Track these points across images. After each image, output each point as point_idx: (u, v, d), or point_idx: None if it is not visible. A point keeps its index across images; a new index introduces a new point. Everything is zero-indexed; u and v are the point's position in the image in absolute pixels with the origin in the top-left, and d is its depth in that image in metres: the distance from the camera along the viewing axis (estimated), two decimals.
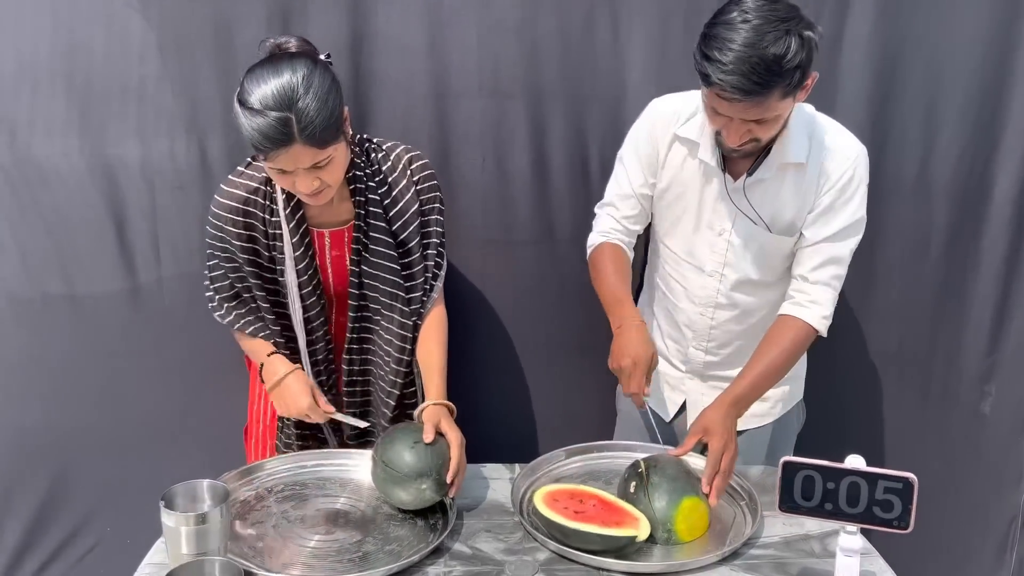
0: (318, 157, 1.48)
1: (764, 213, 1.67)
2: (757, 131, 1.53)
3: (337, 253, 1.71)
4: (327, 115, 1.46)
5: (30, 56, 1.91)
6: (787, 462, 1.27)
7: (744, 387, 1.62)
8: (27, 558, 2.22)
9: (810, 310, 1.65)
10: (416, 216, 1.69)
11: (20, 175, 1.97)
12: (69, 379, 2.10)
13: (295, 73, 1.45)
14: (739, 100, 1.45)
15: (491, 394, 2.16)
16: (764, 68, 1.41)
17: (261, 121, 1.43)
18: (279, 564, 1.40)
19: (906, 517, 1.22)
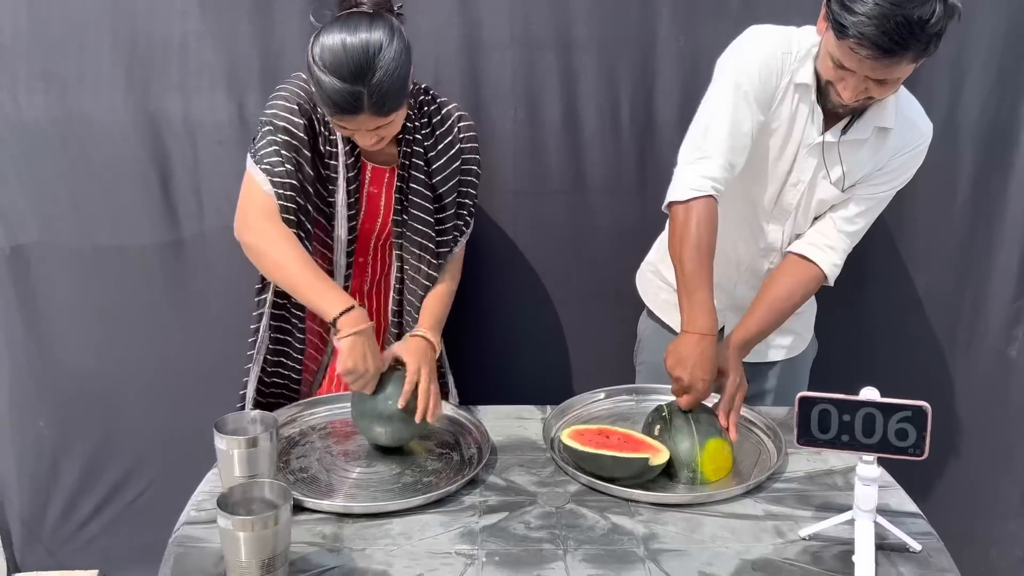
0: (382, 122, 1.52)
1: (849, 171, 1.66)
2: (875, 90, 1.49)
3: (375, 190, 1.73)
4: (398, 87, 1.48)
5: (78, 14, 1.97)
6: (803, 397, 1.30)
7: (752, 331, 1.66)
8: (83, 500, 2.34)
9: (825, 254, 1.67)
10: (456, 173, 1.72)
11: (71, 129, 2.04)
12: (119, 327, 2.18)
13: (371, 42, 1.45)
14: (873, 57, 1.41)
15: (523, 341, 2.22)
16: (907, 29, 1.37)
17: (332, 89, 1.45)
18: (323, 493, 1.47)
19: (921, 444, 1.25)
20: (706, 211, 1.58)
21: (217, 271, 2.15)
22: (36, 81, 2.01)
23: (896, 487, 1.51)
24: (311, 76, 1.49)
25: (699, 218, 1.58)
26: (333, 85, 1.45)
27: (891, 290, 2.18)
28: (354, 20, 1.48)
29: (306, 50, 1.49)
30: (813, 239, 1.68)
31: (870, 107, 1.60)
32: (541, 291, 2.19)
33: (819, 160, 1.66)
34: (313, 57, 1.47)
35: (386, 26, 1.48)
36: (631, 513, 1.43)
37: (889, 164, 1.66)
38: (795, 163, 1.69)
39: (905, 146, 1.65)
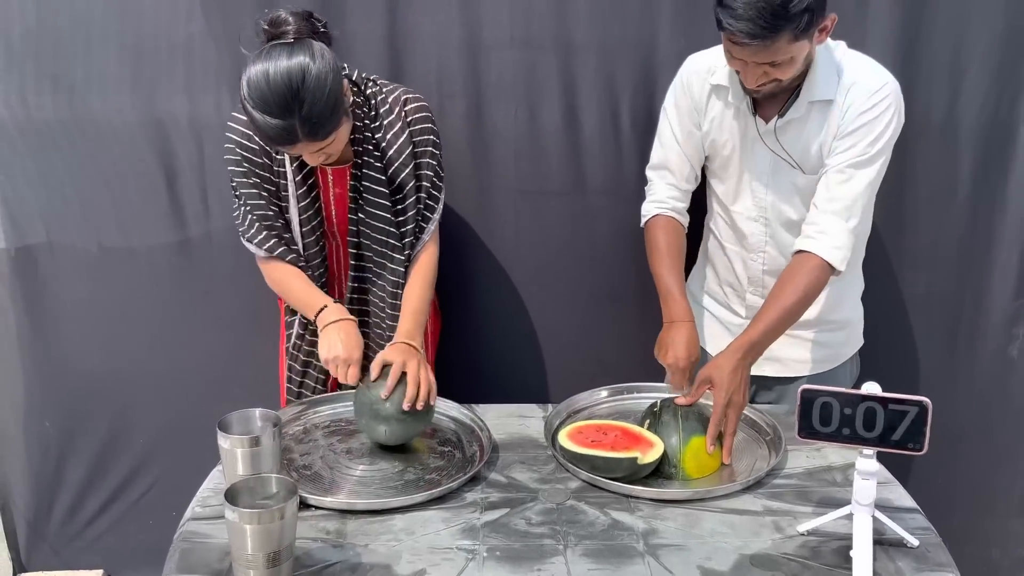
0: (322, 144, 1.54)
1: (795, 153, 1.70)
2: (774, 73, 1.56)
3: (340, 191, 1.74)
4: (328, 111, 1.49)
5: (85, 16, 1.99)
6: (805, 390, 1.31)
7: (758, 333, 1.62)
8: (88, 499, 2.36)
9: (818, 241, 1.64)
10: (411, 158, 1.71)
11: (79, 130, 2.06)
12: (126, 326, 2.20)
13: (291, 72, 1.45)
14: (748, 44, 1.49)
15: (525, 340, 2.23)
16: (771, 12, 1.45)
17: (265, 124, 1.47)
18: (327, 490, 1.49)
19: (920, 439, 1.26)
20: (658, 225, 1.84)
21: (223, 271, 2.17)
22: (44, 82, 2.03)
23: (895, 483, 1.52)
24: (245, 112, 1.51)
25: (652, 233, 1.84)
26: (265, 121, 1.47)
27: (891, 288, 2.18)
28: (275, 52, 1.48)
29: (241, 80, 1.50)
30: (805, 230, 1.67)
31: (803, 85, 1.64)
32: (542, 291, 2.20)
33: (769, 149, 1.71)
34: (243, 94, 1.49)
35: (307, 52, 1.48)
36: (631, 509, 1.45)
37: (846, 129, 1.64)
38: (749, 157, 1.75)
39: (853, 107, 1.63)
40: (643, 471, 1.50)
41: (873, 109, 1.63)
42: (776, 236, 1.79)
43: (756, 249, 1.82)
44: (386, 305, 1.78)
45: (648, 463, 1.50)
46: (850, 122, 1.64)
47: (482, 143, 2.08)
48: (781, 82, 1.59)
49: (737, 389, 1.58)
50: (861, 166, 1.64)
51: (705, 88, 1.75)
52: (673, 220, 1.84)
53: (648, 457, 1.50)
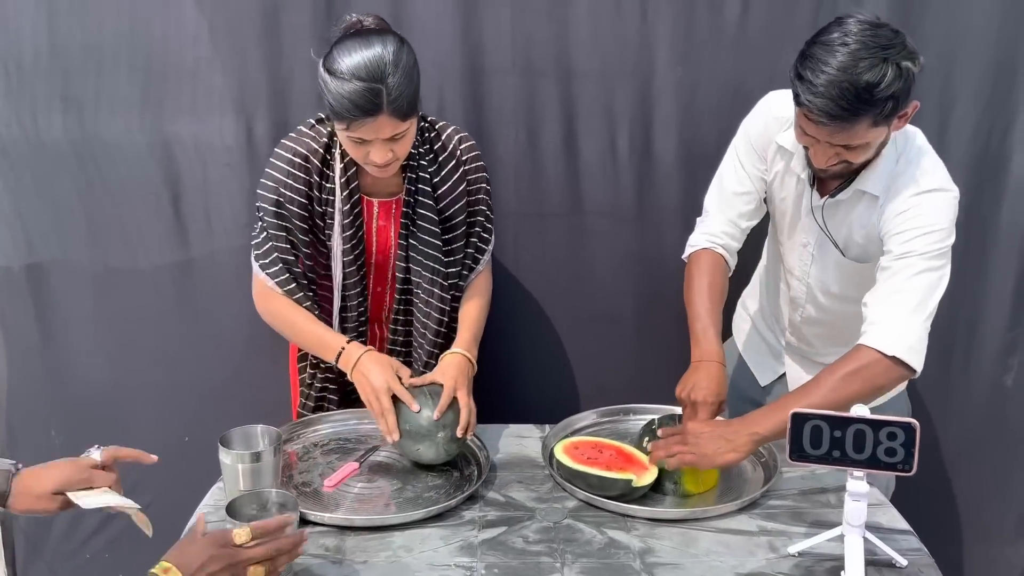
0: (398, 129, 1.55)
1: (838, 236, 1.66)
2: (846, 155, 1.49)
3: (383, 223, 1.77)
4: (412, 90, 1.55)
5: (95, 39, 2.02)
6: (796, 413, 1.32)
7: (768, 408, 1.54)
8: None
9: (868, 333, 1.51)
10: (463, 196, 1.75)
11: (88, 151, 2.09)
12: (131, 343, 2.22)
13: (386, 47, 1.52)
14: (825, 124, 1.43)
15: (523, 361, 2.24)
16: (854, 95, 1.39)
17: (351, 89, 1.50)
18: (326, 507, 1.50)
19: (910, 460, 1.28)
20: (703, 260, 1.74)
21: (225, 290, 2.18)
22: (55, 103, 2.06)
23: (887, 505, 1.54)
24: (327, 89, 1.53)
25: (696, 267, 1.73)
26: (353, 87, 1.49)
27: None
28: (364, 34, 1.55)
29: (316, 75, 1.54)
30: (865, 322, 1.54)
31: (862, 171, 1.58)
32: (540, 312, 2.22)
33: (814, 223, 1.67)
34: (328, 70, 1.53)
35: (396, 38, 1.56)
36: (627, 528, 1.46)
37: (895, 229, 1.55)
38: (799, 224, 1.71)
39: (908, 209, 1.54)
40: (636, 493, 1.52)
41: (910, 211, 1.53)
42: (816, 300, 1.76)
43: (797, 303, 1.80)
44: (429, 332, 1.79)
45: (641, 486, 1.52)
46: (891, 222, 1.55)
47: None
48: (851, 165, 1.53)
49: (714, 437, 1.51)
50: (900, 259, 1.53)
51: (774, 138, 1.69)
52: (719, 258, 1.74)
53: (642, 480, 1.52)
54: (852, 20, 1.44)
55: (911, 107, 1.49)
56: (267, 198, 1.69)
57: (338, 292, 1.77)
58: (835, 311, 1.74)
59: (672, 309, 2.00)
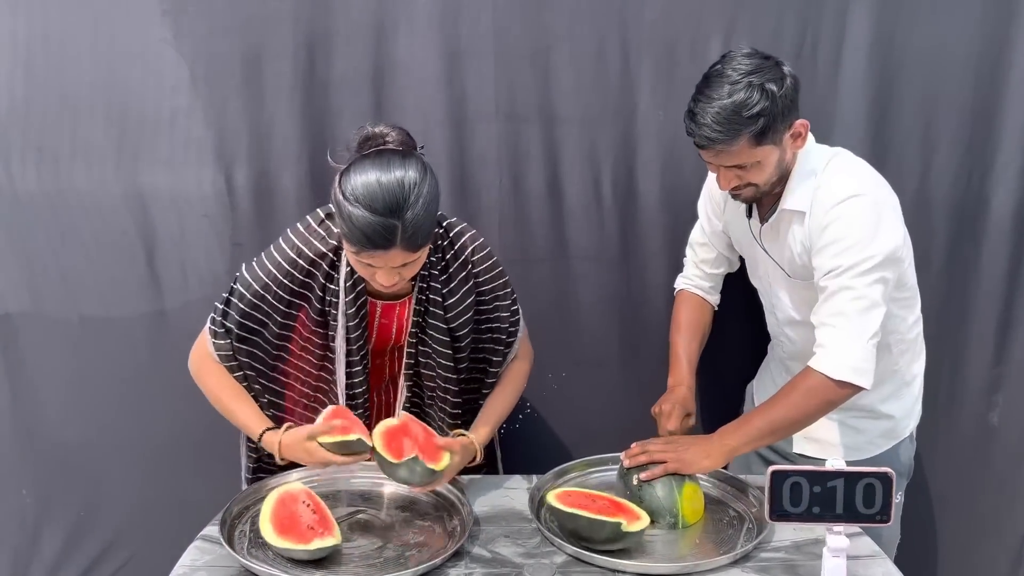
0: (409, 259, 1.50)
1: (781, 258, 1.76)
2: (746, 176, 1.64)
3: (385, 321, 1.73)
4: (429, 223, 1.49)
5: (72, 89, 2.01)
6: (775, 471, 1.32)
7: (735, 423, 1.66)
8: (63, 572, 2.29)
9: (817, 355, 1.62)
10: (471, 307, 1.71)
11: (62, 202, 2.07)
12: (105, 397, 2.18)
13: (407, 176, 1.45)
14: (705, 148, 1.59)
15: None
16: (724, 117, 1.55)
17: (365, 221, 1.43)
18: (303, 568, 1.45)
19: (887, 510, 1.30)
20: (682, 298, 1.97)
21: None
22: (30, 154, 2.04)
23: (883, 557, 1.51)
24: (340, 212, 1.47)
25: (678, 306, 1.97)
26: (366, 219, 1.44)
27: None
28: (386, 156, 1.48)
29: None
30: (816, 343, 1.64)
31: (784, 193, 1.69)
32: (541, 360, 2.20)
33: (761, 251, 1.80)
34: (343, 193, 1.46)
35: (418, 164, 1.49)
36: None
37: (815, 245, 1.65)
38: (757, 257, 1.83)
39: (820, 222, 1.63)
40: (625, 539, 1.49)
41: (833, 225, 1.61)
42: (785, 330, 1.86)
43: (776, 337, 1.93)
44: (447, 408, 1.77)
45: (632, 532, 1.49)
46: (816, 239, 1.64)
47: (467, 212, 2.09)
48: (758, 187, 1.66)
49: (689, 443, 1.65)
50: (838, 275, 1.60)
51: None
52: (697, 296, 1.95)
53: (633, 526, 1.49)
54: (731, 53, 1.61)
55: (799, 124, 1.63)
56: (247, 288, 1.65)
57: (342, 388, 1.72)
58: (804, 341, 1.76)
59: (658, 352, 2.01)
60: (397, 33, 2.02)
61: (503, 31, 2.02)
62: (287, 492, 1.55)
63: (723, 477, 1.75)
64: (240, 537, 1.54)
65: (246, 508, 1.63)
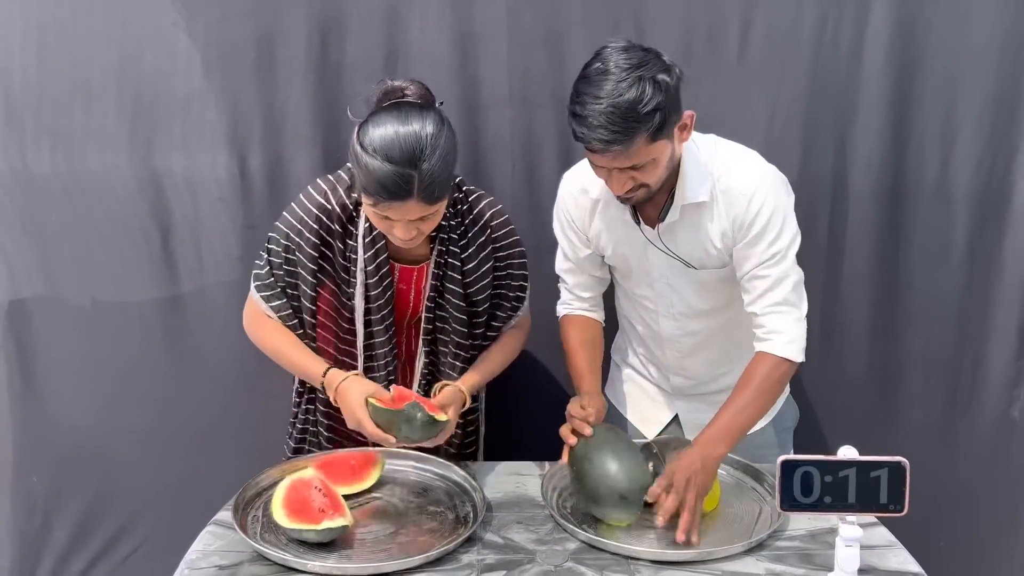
0: (426, 212, 1.50)
1: (685, 254, 1.69)
2: (640, 177, 1.54)
3: (403, 287, 1.73)
4: (446, 175, 1.49)
5: (84, 73, 2.01)
6: (785, 461, 1.29)
7: (714, 429, 1.58)
8: (74, 559, 2.29)
9: (772, 341, 1.63)
10: (489, 272, 1.72)
11: (76, 185, 2.06)
12: (118, 382, 2.18)
13: (424, 128, 1.46)
14: (602, 151, 1.48)
15: (522, 395, 2.19)
16: (620, 116, 1.44)
17: (382, 171, 1.44)
18: (315, 554, 1.44)
19: (901, 500, 1.27)
20: (570, 323, 1.84)
21: (215, 327, 2.15)
22: (44, 137, 2.04)
23: (899, 547, 1.49)
24: (357, 163, 1.48)
25: (566, 331, 1.83)
26: (384, 169, 1.44)
27: (888, 349, 2.17)
28: (404, 109, 1.49)
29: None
30: (757, 334, 1.65)
31: (676, 188, 1.63)
32: (539, 345, 2.18)
33: (658, 253, 1.70)
34: (361, 144, 1.47)
35: (437, 116, 1.50)
36: (631, 571, 1.41)
37: (741, 239, 1.63)
38: (645, 262, 1.74)
39: (740, 210, 1.61)
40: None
41: (759, 214, 1.61)
42: (687, 326, 1.78)
43: (671, 340, 1.82)
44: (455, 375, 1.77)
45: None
46: (743, 233, 1.62)
47: None
48: (650, 187, 1.57)
49: (695, 472, 1.51)
50: (778, 262, 1.62)
51: (585, 207, 1.73)
52: (582, 316, 1.84)
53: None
54: (608, 49, 1.50)
55: (686, 116, 1.54)
56: (278, 239, 1.68)
57: (361, 352, 1.73)
58: (710, 329, 1.77)
59: None
60: (410, 16, 2.01)
61: (517, 15, 2.00)
62: (299, 479, 1.54)
63: (738, 465, 1.73)
64: (253, 522, 1.53)
65: (258, 494, 1.62)
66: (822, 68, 2.01)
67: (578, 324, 1.83)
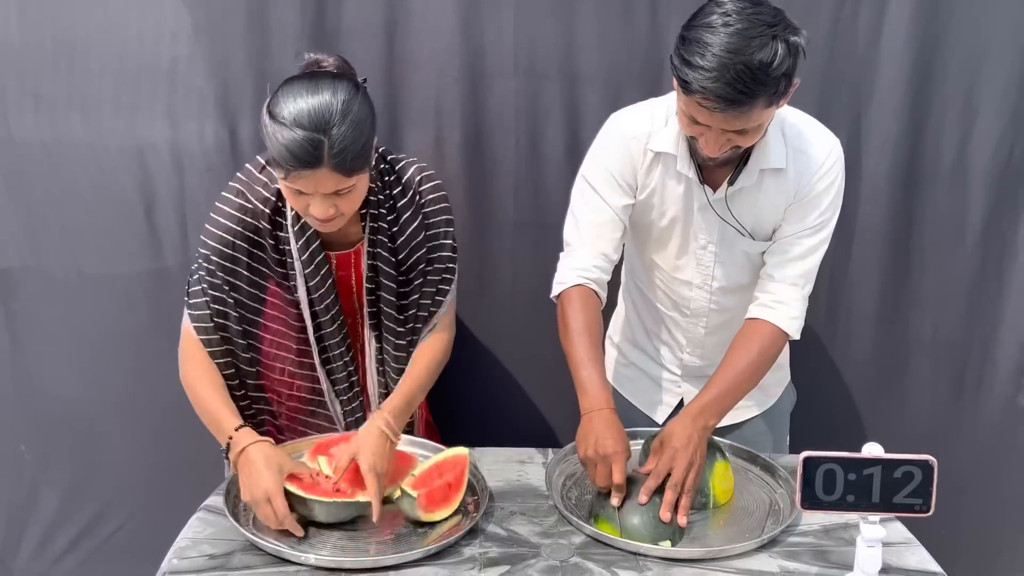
0: (342, 185, 1.42)
1: (747, 222, 1.62)
2: (737, 140, 1.45)
3: (343, 273, 1.65)
4: (360, 144, 1.41)
5: (68, 33, 1.92)
6: (808, 457, 1.24)
7: (709, 398, 1.53)
8: (59, 532, 2.26)
9: (776, 311, 1.58)
10: (424, 244, 1.63)
11: (60, 153, 1.99)
12: (103, 354, 2.12)
13: (335, 95, 1.39)
14: (721, 110, 1.37)
15: (522, 379, 2.16)
16: (750, 76, 1.33)
17: (291, 137, 1.37)
18: (311, 546, 1.39)
19: (927, 500, 1.22)
20: (577, 298, 1.61)
21: None
22: (27, 100, 1.96)
23: (916, 544, 1.45)
24: (266, 134, 1.40)
25: (571, 306, 1.60)
26: (291, 135, 1.37)
27: (898, 332, 2.13)
28: (316, 77, 1.42)
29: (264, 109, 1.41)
30: (761, 299, 1.61)
31: (753, 152, 1.55)
32: (540, 327, 2.11)
33: (718, 217, 1.62)
34: (271, 113, 1.40)
35: (351, 85, 1.42)
36: (640, 568, 1.36)
37: (799, 200, 1.58)
38: (694, 226, 1.64)
39: (808, 179, 1.57)
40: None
41: (824, 179, 1.57)
42: (721, 301, 1.71)
43: (699, 314, 1.74)
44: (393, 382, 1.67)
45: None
46: (802, 194, 1.57)
47: (481, 174, 2.02)
48: (739, 149, 1.49)
49: (689, 450, 1.47)
50: (814, 235, 1.59)
51: (646, 155, 1.61)
52: (592, 295, 1.63)
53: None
54: (728, 1, 1.38)
55: (794, 84, 1.44)
56: (207, 255, 1.57)
57: (315, 347, 1.65)
58: (742, 306, 1.67)
59: None
60: None
61: None
62: None
63: (747, 456, 1.68)
64: (246, 509, 1.48)
65: None
66: (840, 44, 1.94)
67: (587, 304, 1.61)
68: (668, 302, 1.77)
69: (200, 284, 1.59)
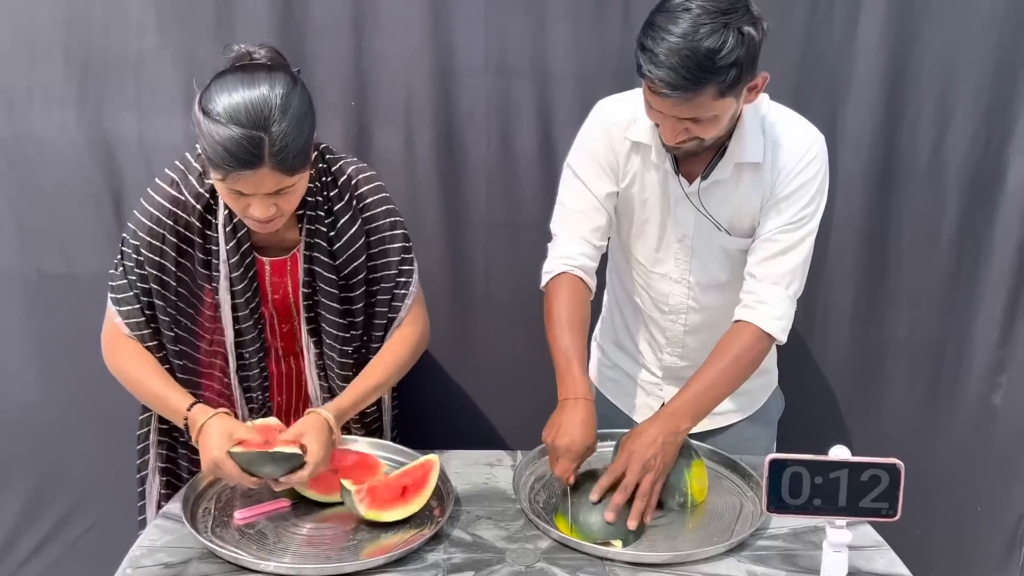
0: (283, 184, 1.36)
1: (722, 216, 1.59)
2: (696, 130, 1.42)
3: (278, 279, 1.60)
4: (302, 141, 1.35)
5: (28, 27, 1.88)
6: (774, 460, 1.23)
7: (684, 400, 1.51)
8: (23, 538, 2.22)
9: (757, 311, 1.55)
10: (363, 251, 1.57)
11: (19, 149, 1.95)
12: (66, 357, 2.08)
13: (273, 89, 1.33)
14: (668, 95, 1.35)
15: (495, 380, 2.13)
16: (695, 63, 1.31)
17: (228, 135, 1.30)
18: (271, 552, 1.36)
19: (894, 504, 1.21)
20: (562, 287, 1.60)
21: None
22: None
23: (886, 547, 1.43)
24: (201, 132, 1.33)
25: (556, 294, 1.60)
26: (230, 134, 1.30)
27: (873, 332, 2.13)
28: (251, 70, 1.36)
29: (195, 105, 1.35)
30: (744, 300, 1.57)
31: (730, 145, 1.53)
32: (512, 329, 2.11)
33: (695, 210, 1.59)
34: (204, 110, 1.33)
35: (288, 77, 1.37)
36: (605, 573, 1.34)
37: (777, 195, 1.55)
38: (671, 218, 1.62)
39: (783, 171, 1.53)
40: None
41: (803, 174, 1.53)
42: (700, 298, 1.68)
43: (677, 311, 1.71)
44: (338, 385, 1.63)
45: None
46: (781, 189, 1.54)
47: (452, 173, 2.00)
48: (703, 141, 1.46)
49: (649, 452, 1.44)
50: (795, 231, 1.55)
51: (624, 143, 1.60)
52: (579, 283, 1.62)
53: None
54: None
55: (760, 78, 1.42)
56: (132, 243, 1.52)
57: (232, 350, 1.60)
58: (722, 305, 1.66)
59: None
60: None
61: None
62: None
63: (719, 458, 1.66)
64: (204, 515, 1.45)
65: (210, 484, 1.53)
66: (814, 41, 1.93)
67: (575, 293, 1.60)
68: (648, 299, 1.74)
69: (126, 276, 1.53)
